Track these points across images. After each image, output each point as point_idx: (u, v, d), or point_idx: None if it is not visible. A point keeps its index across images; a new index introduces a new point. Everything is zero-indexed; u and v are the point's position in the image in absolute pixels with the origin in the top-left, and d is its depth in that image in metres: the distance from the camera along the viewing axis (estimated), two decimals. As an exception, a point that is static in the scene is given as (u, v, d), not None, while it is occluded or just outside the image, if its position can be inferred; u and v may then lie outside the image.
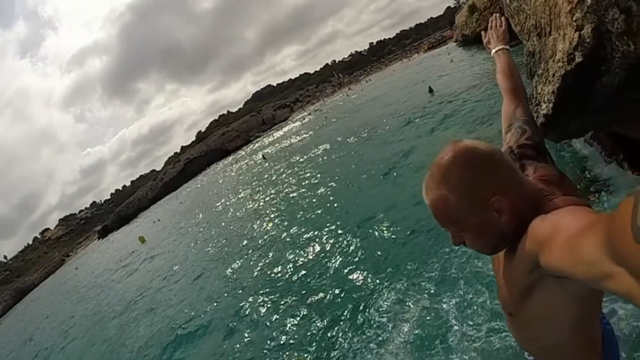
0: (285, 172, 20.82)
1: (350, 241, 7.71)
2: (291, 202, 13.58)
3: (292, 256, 8.46)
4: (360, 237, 7.66)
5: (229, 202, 22.24)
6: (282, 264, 8.37)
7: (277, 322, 6.23)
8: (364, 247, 7.18)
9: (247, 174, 31.73)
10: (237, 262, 10.30)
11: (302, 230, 9.79)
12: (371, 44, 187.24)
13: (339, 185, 12.47)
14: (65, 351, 12.84)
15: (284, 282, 7.53)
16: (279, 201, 14.92)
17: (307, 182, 15.37)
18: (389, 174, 10.65)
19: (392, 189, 9.54)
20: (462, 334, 3.99)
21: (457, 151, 1.06)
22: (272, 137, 66.73)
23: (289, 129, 65.75)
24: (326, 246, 8.06)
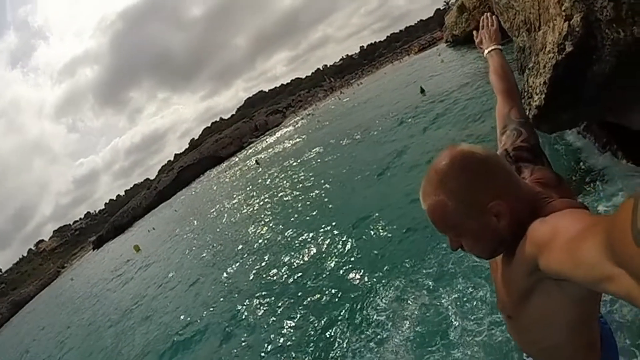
0: (279, 177, 20.78)
1: (345, 241, 7.66)
2: (285, 206, 13.53)
3: (288, 258, 8.39)
4: (355, 237, 7.61)
5: (223, 208, 22.15)
6: (277, 266, 8.30)
7: (274, 325, 6.16)
8: (359, 247, 7.13)
9: (240, 180, 31.65)
10: (232, 266, 10.22)
11: (297, 232, 9.73)
12: (362, 48, 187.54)
13: (333, 186, 12.43)
14: (61, 362, 12.68)
15: (280, 284, 7.46)
16: (273, 205, 14.86)
17: (301, 185, 15.32)
18: (383, 174, 10.61)
19: (386, 188, 9.51)
20: (462, 329, 3.95)
21: (454, 156, 1.05)
22: (266, 142, 66.70)
23: (282, 134, 65.77)
24: (322, 247, 8.01)
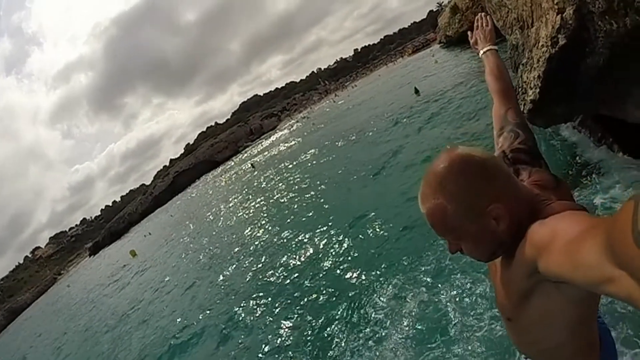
0: (274, 179, 20.77)
1: (342, 241, 7.63)
2: (281, 207, 13.50)
3: (285, 259, 8.36)
4: (352, 236, 7.59)
5: (219, 211, 22.11)
6: (274, 267, 8.26)
7: (271, 326, 6.12)
8: (356, 246, 7.10)
9: (236, 183, 31.61)
10: (229, 269, 10.18)
11: (294, 233, 9.70)
12: (356, 51, 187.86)
13: (329, 187, 12.42)
14: (58, 368, 12.60)
15: (277, 285, 7.42)
16: (270, 207, 14.84)
17: (296, 187, 15.31)
18: (379, 174, 10.60)
19: (382, 188, 9.50)
20: (462, 325, 3.91)
21: (452, 159, 1.04)
22: (261, 146, 66.67)
23: (277, 137, 65.79)
24: (318, 247, 7.98)
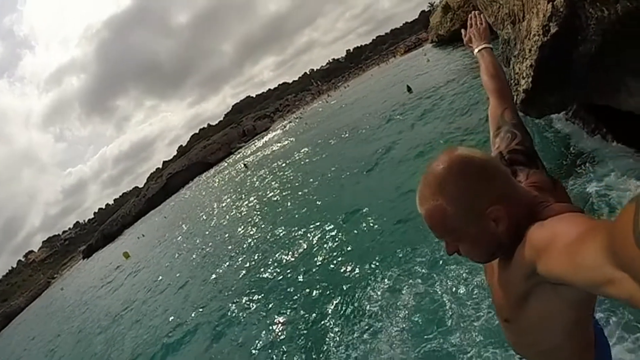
0: (267, 178, 20.75)
1: (335, 236, 7.60)
2: (274, 205, 13.48)
3: (278, 256, 8.32)
4: (346, 231, 7.56)
5: (212, 211, 22.06)
6: (267, 264, 8.22)
7: (265, 321, 6.07)
8: (350, 241, 7.07)
9: (229, 184, 31.57)
10: (222, 267, 10.14)
11: (287, 230, 9.67)
12: (348, 51, 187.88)
13: (322, 184, 12.40)
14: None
15: (270, 281, 7.37)
16: (262, 205, 14.81)
17: (289, 185, 15.29)
18: (372, 170, 10.60)
19: (375, 183, 9.49)
20: (459, 316, 3.89)
21: (452, 160, 1.01)
22: (254, 147, 66.60)
23: (270, 137, 65.80)
24: (312, 243, 7.95)
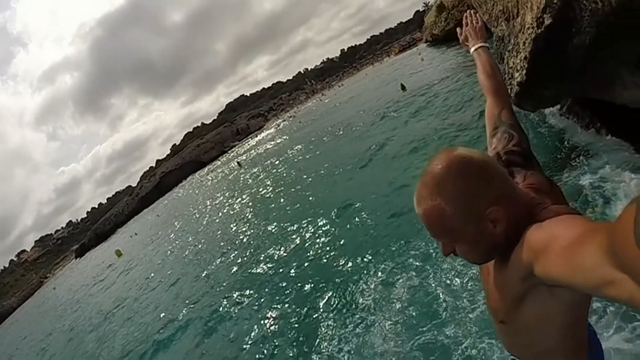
0: (260, 175, 20.74)
1: (329, 231, 7.57)
2: (267, 202, 13.48)
3: (270, 251, 8.28)
4: (339, 226, 7.54)
5: (205, 209, 22.01)
6: (259, 260, 8.18)
7: (256, 316, 6.02)
8: (343, 235, 7.04)
9: (222, 182, 31.50)
10: (214, 263, 10.11)
11: (279, 226, 9.65)
12: (342, 51, 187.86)
13: (315, 181, 12.38)
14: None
15: (262, 276, 7.34)
16: (255, 202, 14.80)
17: (282, 182, 15.28)
18: (366, 166, 10.60)
19: (369, 178, 9.48)
20: (454, 307, 3.86)
21: (451, 160, 1.01)
22: (248, 145, 66.52)
23: (263, 136, 65.73)
24: (305, 238, 7.92)
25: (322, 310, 5.15)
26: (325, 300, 5.32)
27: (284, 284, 6.47)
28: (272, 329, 5.45)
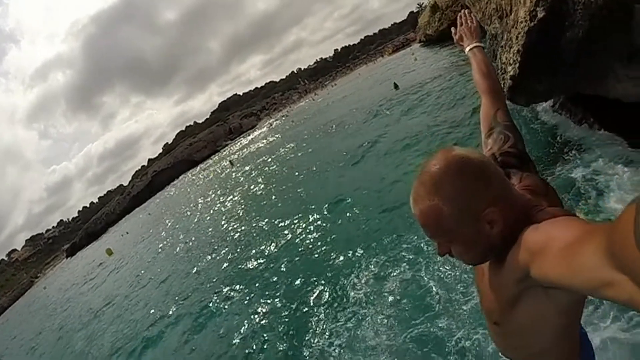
0: (252, 173, 20.70)
1: (320, 226, 7.55)
2: (258, 199, 13.45)
3: (261, 247, 8.25)
4: (330, 221, 7.52)
5: (197, 207, 21.92)
6: (250, 256, 8.14)
7: (247, 310, 5.98)
8: (335, 230, 7.01)
9: (214, 180, 31.42)
10: (204, 260, 10.05)
11: (270, 222, 9.62)
12: (336, 51, 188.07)
13: (307, 177, 12.38)
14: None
15: (252, 272, 7.30)
16: (247, 200, 14.77)
17: (274, 179, 15.27)
18: (359, 162, 10.60)
19: (361, 174, 9.46)
20: (447, 300, 3.83)
21: (449, 160, 1.00)
22: (240, 144, 66.46)
23: (256, 135, 65.66)
24: (296, 233, 7.89)
25: (312, 304, 5.11)
26: (316, 294, 5.28)
27: (275, 279, 6.43)
28: (262, 323, 5.40)
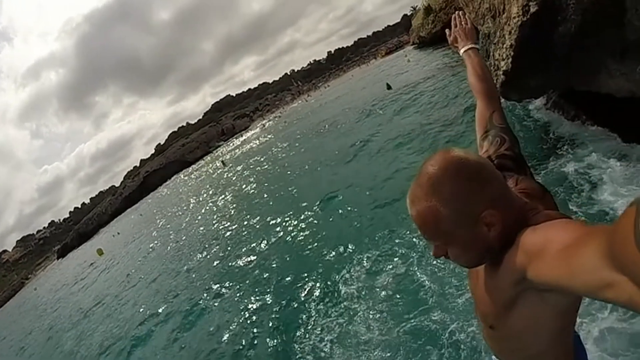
0: (244, 173, 20.68)
1: (312, 223, 7.54)
2: (250, 198, 13.46)
3: (252, 244, 8.24)
4: (322, 218, 7.53)
5: (188, 207, 21.87)
6: (241, 253, 8.12)
7: (237, 307, 5.94)
8: (327, 227, 7.01)
9: (206, 180, 31.36)
10: (194, 258, 10.02)
11: (262, 220, 9.60)
12: (329, 53, 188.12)
13: (299, 176, 12.39)
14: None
15: (243, 269, 7.28)
16: (238, 199, 14.76)
17: (266, 178, 15.27)
18: (351, 161, 10.60)
19: (354, 172, 9.46)
20: (440, 294, 3.80)
21: (448, 161, 0.99)
22: (233, 145, 66.42)
23: (249, 135, 65.65)
24: (288, 230, 7.88)
25: (303, 300, 5.08)
26: (307, 290, 5.25)
27: (266, 276, 6.40)
28: (252, 320, 5.36)
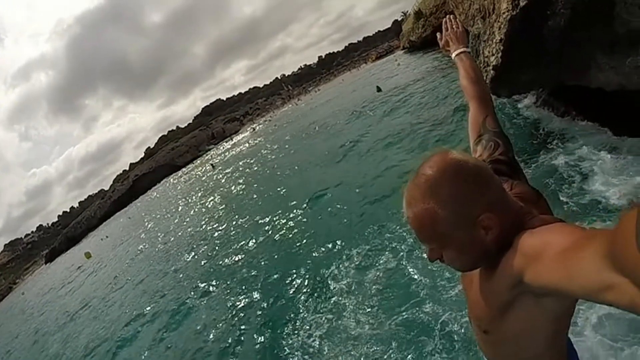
0: (233, 175, 20.63)
1: (300, 221, 7.51)
2: (238, 199, 13.44)
3: (240, 244, 8.19)
4: (312, 216, 7.51)
5: (177, 209, 21.79)
6: (229, 253, 8.08)
7: (224, 305, 5.87)
8: (315, 224, 6.98)
9: (195, 183, 31.27)
10: (182, 259, 9.95)
11: (251, 220, 9.57)
12: (320, 57, 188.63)
13: (289, 176, 12.37)
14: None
15: (230, 267, 7.22)
16: (227, 200, 14.73)
17: (255, 180, 15.26)
18: (341, 160, 10.60)
19: (343, 172, 9.45)
20: (432, 287, 3.76)
21: (446, 163, 0.98)
22: (223, 148, 66.24)
23: (239, 139, 65.52)
24: (276, 228, 7.85)
25: (292, 297, 5.02)
26: (295, 287, 5.19)
27: (253, 273, 6.36)
28: (239, 317, 5.29)
